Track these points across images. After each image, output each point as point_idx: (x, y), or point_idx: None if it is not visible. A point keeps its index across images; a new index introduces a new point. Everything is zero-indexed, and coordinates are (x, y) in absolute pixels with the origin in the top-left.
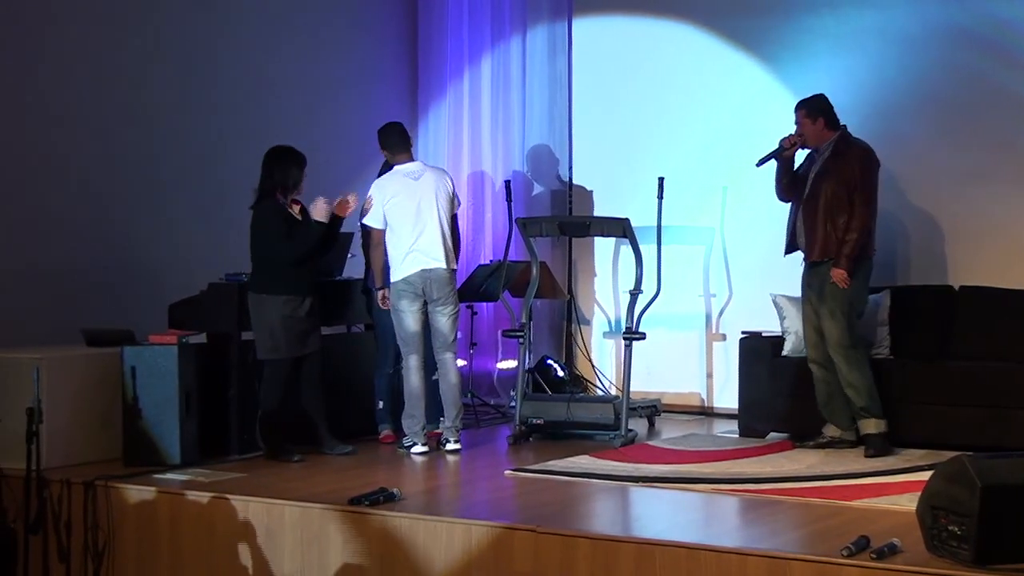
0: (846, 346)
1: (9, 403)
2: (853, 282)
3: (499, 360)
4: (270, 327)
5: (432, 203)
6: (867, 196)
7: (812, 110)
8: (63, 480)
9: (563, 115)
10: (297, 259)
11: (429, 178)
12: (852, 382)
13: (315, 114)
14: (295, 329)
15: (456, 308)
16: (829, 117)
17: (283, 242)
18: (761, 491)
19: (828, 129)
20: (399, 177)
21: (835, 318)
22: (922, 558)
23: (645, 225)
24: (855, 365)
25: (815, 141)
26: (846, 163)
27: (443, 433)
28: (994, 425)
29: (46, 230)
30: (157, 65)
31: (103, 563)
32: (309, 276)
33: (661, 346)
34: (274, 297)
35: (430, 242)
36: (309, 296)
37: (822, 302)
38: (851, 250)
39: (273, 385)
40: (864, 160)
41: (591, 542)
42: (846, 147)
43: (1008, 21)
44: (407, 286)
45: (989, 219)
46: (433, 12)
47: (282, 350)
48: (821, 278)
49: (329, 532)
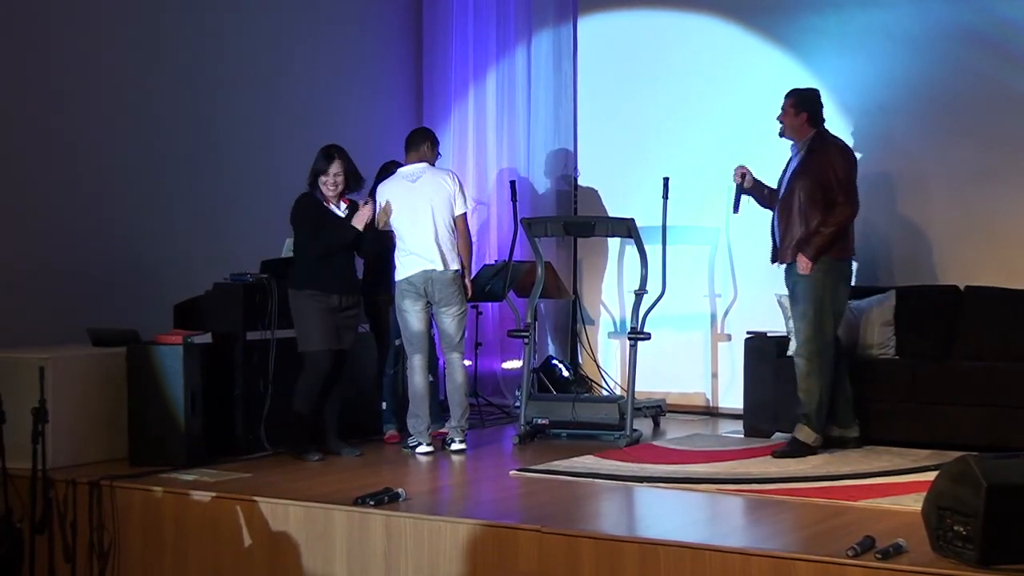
0: (813, 349)
1: (15, 403)
2: (826, 282)
3: (504, 360)
4: (309, 320)
5: (427, 205)
6: (848, 194)
7: (800, 101)
8: (69, 480)
9: (568, 114)
10: (320, 256)
11: (426, 180)
12: (806, 388)
13: (320, 117)
14: (331, 322)
15: (461, 308)
16: (813, 113)
17: (306, 234)
18: (766, 491)
19: (808, 125)
20: (398, 180)
21: (805, 319)
22: (927, 558)
23: (650, 225)
24: (815, 373)
25: (792, 133)
26: (822, 162)
27: (448, 433)
28: (1000, 425)
29: (52, 231)
30: (163, 67)
31: (108, 563)
32: (341, 274)
33: (666, 346)
34: (310, 292)
35: (425, 244)
36: (346, 293)
37: (794, 303)
38: (822, 241)
39: (311, 379)
40: (842, 158)
41: (596, 542)
42: (822, 146)
43: (1013, 21)
44: (409, 286)
45: (995, 219)
46: (438, 14)
47: (320, 343)
48: (793, 279)
49: (334, 532)
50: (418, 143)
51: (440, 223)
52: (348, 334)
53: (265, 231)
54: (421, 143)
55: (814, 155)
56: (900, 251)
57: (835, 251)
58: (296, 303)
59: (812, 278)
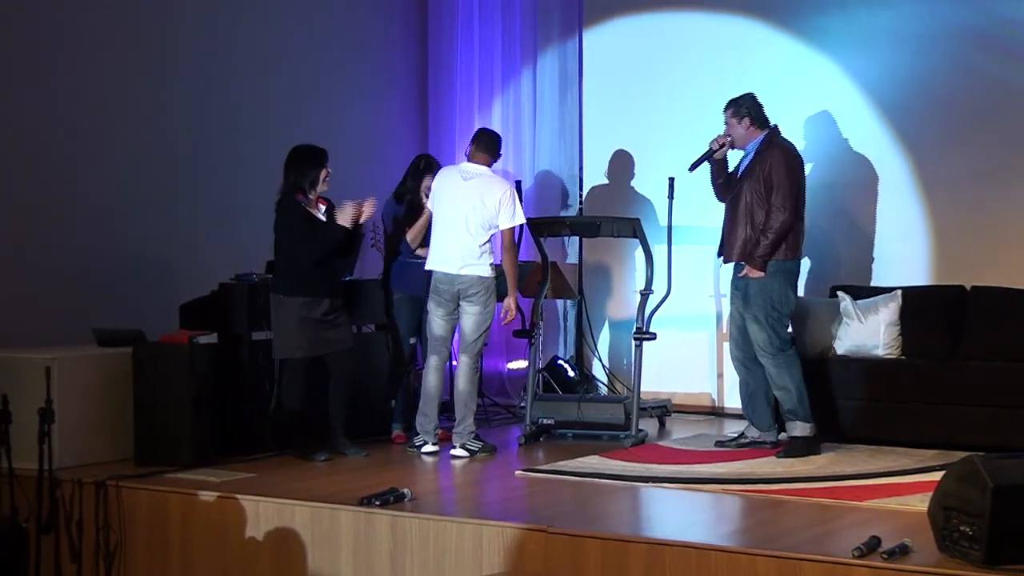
0: (774, 351)
1: (21, 403)
2: (775, 285)
3: (510, 360)
4: (285, 328)
5: (465, 207)
6: (784, 198)
7: (738, 109)
8: (75, 480)
9: (573, 114)
10: (316, 262)
11: (478, 184)
12: (782, 385)
13: (325, 118)
14: (311, 331)
15: (482, 310)
16: (755, 117)
17: (302, 243)
18: (771, 491)
19: (754, 128)
20: (455, 172)
21: (759, 323)
22: (933, 558)
23: (656, 225)
24: (784, 368)
25: (742, 142)
26: (765, 164)
27: (453, 438)
28: (1006, 425)
29: (57, 231)
30: (170, 68)
31: (115, 563)
32: (330, 277)
33: (672, 346)
34: (292, 299)
35: (444, 241)
36: (328, 297)
37: (747, 306)
38: (764, 251)
39: (290, 385)
40: (783, 161)
41: (601, 542)
42: (768, 148)
43: (1019, 21)
44: (434, 288)
45: (1001, 219)
46: (443, 13)
47: (294, 351)
48: (745, 281)
49: (339, 532)
50: (485, 145)
51: (470, 228)
52: (337, 334)
53: (270, 232)
54: (488, 145)
55: (760, 156)
56: (906, 250)
57: (782, 253)
58: (280, 310)
59: (762, 282)
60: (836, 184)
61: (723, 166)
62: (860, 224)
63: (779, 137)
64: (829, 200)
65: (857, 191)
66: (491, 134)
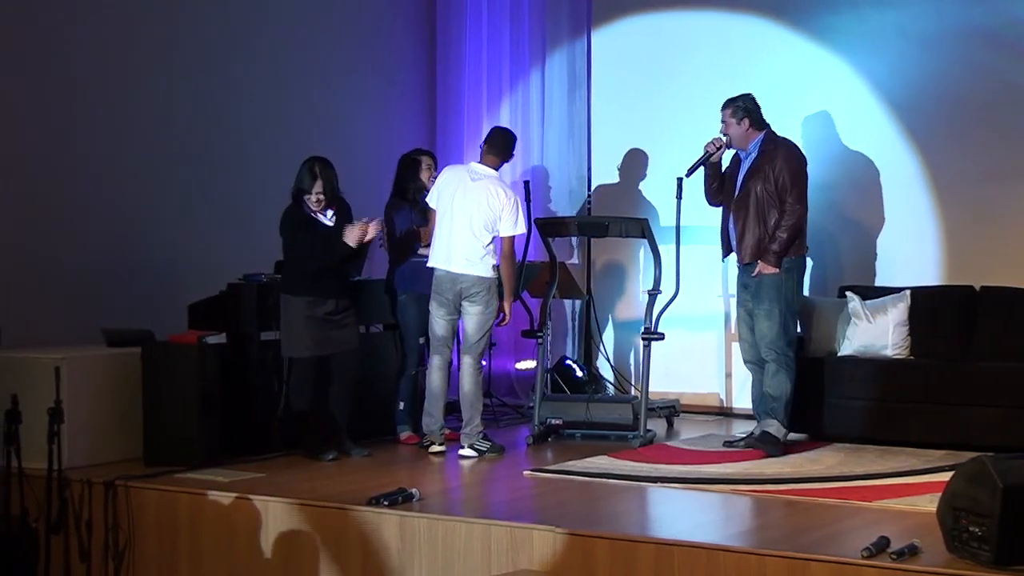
0: (781, 346)
1: (31, 403)
2: (787, 281)
3: (518, 360)
4: (293, 327)
5: (469, 208)
6: (798, 194)
7: (737, 110)
8: (84, 480)
9: (582, 114)
10: (314, 271)
11: (483, 186)
12: (773, 386)
13: (334, 119)
14: (316, 330)
15: (484, 310)
16: (755, 117)
17: (298, 247)
18: (780, 492)
19: (753, 129)
20: (462, 171)
21: (771, 318)
22: (942, 559)
23: (664, 225)
24: (785, 370)
25: (740, 142)
26: (773, 162)
27: (461, 438)
28: (1016, 426)
29: (67, 231)
30: (178, 69)
31: (124, 563)
32: (337, 277)
33: (680, 346)
34: (298, 298)
35: (443, 240)
36: (335, 297)
37: (758, 302)
38: (780, 247)
39: (299, 384)
40: (792, 159)
41: (610, 542)
42: (773, 146)
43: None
44: (435, 289)
45: (1010, 219)
46: (451, 12)
47: (302, 349)
48: (758, 279)
49: (348, 532)
50: (497, 147)
51: (474, 229)
52: (343, 334)
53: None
54: (500, 147)
55: (766, 155)
56: (915, 250)
57: (793, 250)
58: (287, 308)
59: (776, 278)
60: (845, 183)
61: (717, 169)
62: (869, 223)
63: (779, 136)
64: (838, 199)
65: (866, 190)
66: (505, 133)
